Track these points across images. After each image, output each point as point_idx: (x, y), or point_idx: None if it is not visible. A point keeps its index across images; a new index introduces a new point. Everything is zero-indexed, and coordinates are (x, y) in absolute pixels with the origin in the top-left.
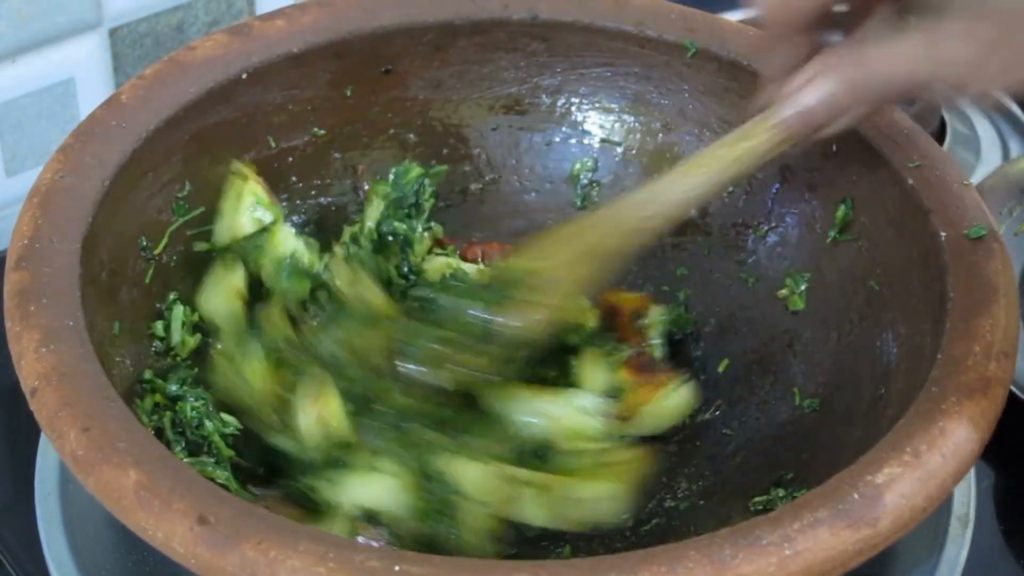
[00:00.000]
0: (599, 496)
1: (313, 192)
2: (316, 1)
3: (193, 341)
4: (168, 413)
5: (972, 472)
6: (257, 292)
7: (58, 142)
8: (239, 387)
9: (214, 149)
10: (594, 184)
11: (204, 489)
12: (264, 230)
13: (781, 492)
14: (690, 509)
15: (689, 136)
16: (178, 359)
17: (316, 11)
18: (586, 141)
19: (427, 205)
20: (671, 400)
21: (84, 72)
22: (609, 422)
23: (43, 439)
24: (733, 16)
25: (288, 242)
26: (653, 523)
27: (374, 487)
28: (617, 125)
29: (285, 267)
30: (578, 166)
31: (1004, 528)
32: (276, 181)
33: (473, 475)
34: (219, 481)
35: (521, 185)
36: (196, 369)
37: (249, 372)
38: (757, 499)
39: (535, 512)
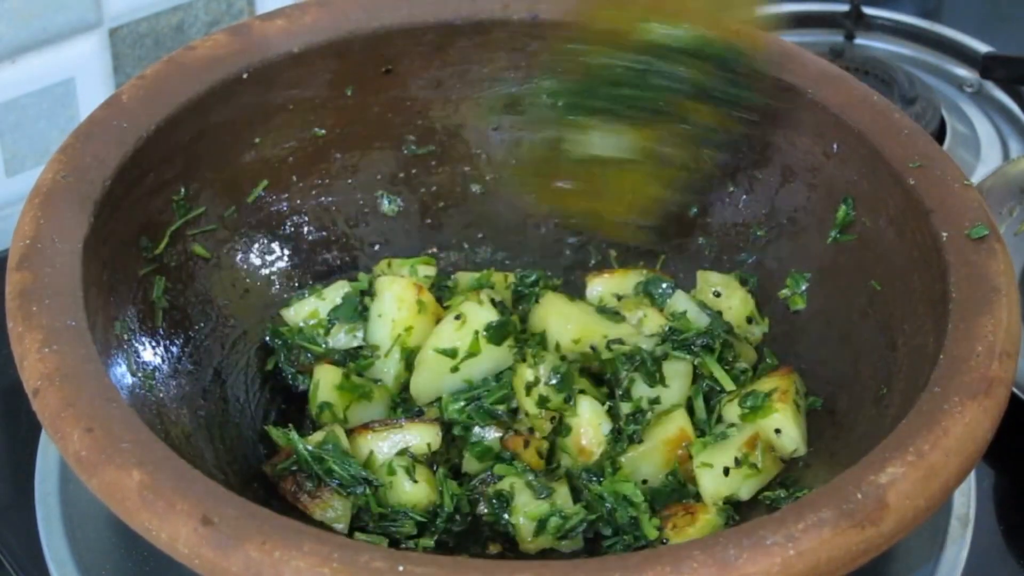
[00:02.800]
0: None
1: (313, 192)
2: (316, 1)
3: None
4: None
5: (972, 472)
6: None
7: (58, 142)
8: None
9: (214, 149)
10: None
11: (208, 489)
12: None
13: (783, 492)
14: None
15: None
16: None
17: (316, 11)
18: None
19: None
20: None
21: (84, 72)
22: None
23: (43, 439)
24: None
25: None
26: None
27: None
28: None
29: None
30: None
31: (1004, 528)
32: (276, 181)
33: None
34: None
35: None
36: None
37: None
38: (759, 498)
39: None
